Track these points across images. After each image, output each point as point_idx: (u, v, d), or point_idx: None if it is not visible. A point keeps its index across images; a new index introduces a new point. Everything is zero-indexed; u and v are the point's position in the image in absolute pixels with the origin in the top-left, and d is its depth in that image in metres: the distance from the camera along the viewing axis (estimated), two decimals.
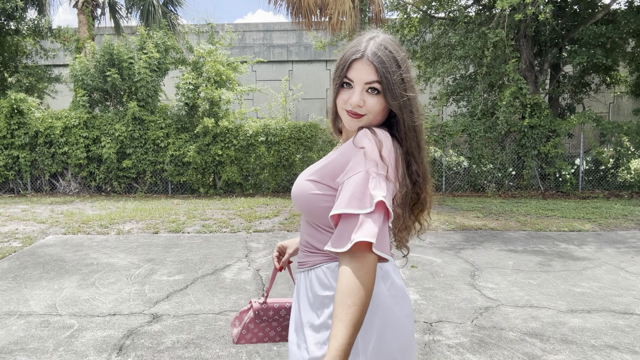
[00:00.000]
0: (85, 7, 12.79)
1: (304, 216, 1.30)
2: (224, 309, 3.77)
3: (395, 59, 1.19)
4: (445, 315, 3.61)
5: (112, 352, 3.04)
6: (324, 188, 1.20)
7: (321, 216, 1.22)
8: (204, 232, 6.72)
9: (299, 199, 1.25)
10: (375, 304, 1.17)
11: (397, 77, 1.18)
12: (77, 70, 10.59)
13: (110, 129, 10.62)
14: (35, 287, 4.33)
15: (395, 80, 1.18)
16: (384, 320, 1.18)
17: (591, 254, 5.42)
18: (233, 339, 1.64)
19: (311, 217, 1.25)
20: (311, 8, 11.18)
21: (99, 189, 11.17)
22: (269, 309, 1.61)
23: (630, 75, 13.05)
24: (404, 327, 1.22)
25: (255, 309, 1.60)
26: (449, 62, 10.90)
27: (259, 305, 1.60)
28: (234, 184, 11.05)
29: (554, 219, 7.49)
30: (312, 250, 1.28)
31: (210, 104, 10.62)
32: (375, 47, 1.19)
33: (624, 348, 3.05)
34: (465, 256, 5.33)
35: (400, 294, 1.24)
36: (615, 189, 10.94)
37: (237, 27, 17.75)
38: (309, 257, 1.30)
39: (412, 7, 12.14)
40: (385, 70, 1.17)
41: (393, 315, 1.20)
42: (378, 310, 1.18)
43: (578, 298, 3.97)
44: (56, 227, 7.04)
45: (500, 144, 10.88)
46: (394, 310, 1.20)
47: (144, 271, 4.82)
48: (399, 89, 1.18)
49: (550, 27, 10.89)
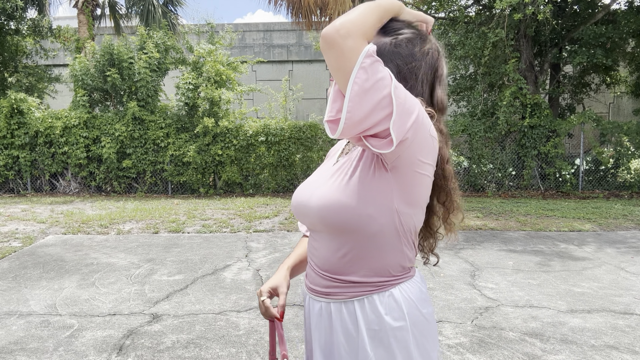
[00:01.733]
0: (85, 7, 12.80)
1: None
2: (224, 309, 3.77)
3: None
4: (445, 315, 3.61)
5: (112, 352, 3.04)
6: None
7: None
8: (204, 232, 6.72)
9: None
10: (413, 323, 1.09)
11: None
12: (77, 70, 10.59)
13: (110, 129, 10.62)
14: (35, 287, 4.33)
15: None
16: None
17: (591, 254, 5.42)
18: None
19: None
20: (311, 8, 11.17)
21: (99, 188, 11.17)
22: None
23: (630, 75, 13.04)
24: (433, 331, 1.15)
25: None
26: (449, 62, 10.91)
27: None
28: (234, 184, 11.04)
29: (554, 219, 7.49)
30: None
31: (210, 104, 10.62)
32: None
33: (624, 348, 3.05)
34: (465, 256, 5.33)
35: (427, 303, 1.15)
36: (615, 189, 10.94)
37: (237, 27, 17.75)
38: (343, 287, 1.12)
39: (412, 7, 12.14)
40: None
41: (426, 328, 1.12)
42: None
43: (578, 298, 3.97)
44: (56, 227, 7.04)
45: (500, 144, 10.88)
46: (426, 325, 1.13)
47: (144, 271, 4.82)
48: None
49: (550, 27, 10.88)
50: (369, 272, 1.09)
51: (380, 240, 1.06)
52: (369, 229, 1.05)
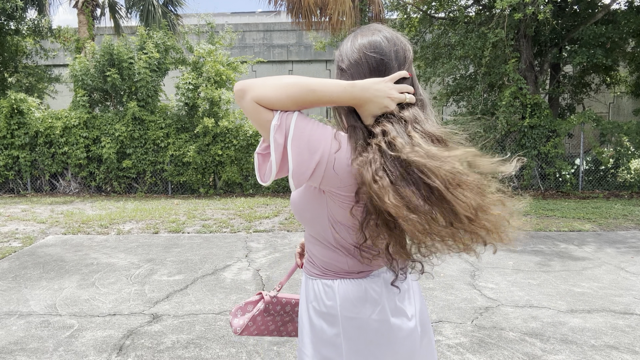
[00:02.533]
0: (85, 7, 12.80)
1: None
2: (224, 309, 3.77)
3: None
4: (445, 315, 3.61)
5: (112, 352, 3.04)
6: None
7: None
8: (204, 232, 6.72)
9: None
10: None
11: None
12: (77, 70, 10.59)
13: (110, 129, 10.62)
14: (35, 287, 4.33)
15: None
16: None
17: (591, 254, 5.42)
18: (235, 330, 1.59)
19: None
20: (311, 8, 11.17)
21: (99, 189, 11.17)
22: (277, 303, 1.60)
23: (630, 75, 13.04)
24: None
25: (266, 302, 1.58)
26: (449, 62, 10.90)
27: (269, 298, 1.58)
28: (234, 184, 11.04)
29: (554, 219, 7.49)
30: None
31: (210, 104, 10.62)
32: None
33: (624, 348, 3.05)
34: (465, 256, 5.32)
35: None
36: (615, 189, 10.94)
37: (237, 27, 17.75)
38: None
39: (412, 7, 12.14)
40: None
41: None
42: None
43: (578, 298, 3.97)
44: (56, 227, 7.04)
45: (500, 144, 10.88)
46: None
47: (144, 271, 4.82)
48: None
49: (550, 27, 10.88)
50: (319, 262, 1.29)
51: (322, 240, 1.25)
52: (314, 229, 1.25)
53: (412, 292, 1.36)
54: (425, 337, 1.33)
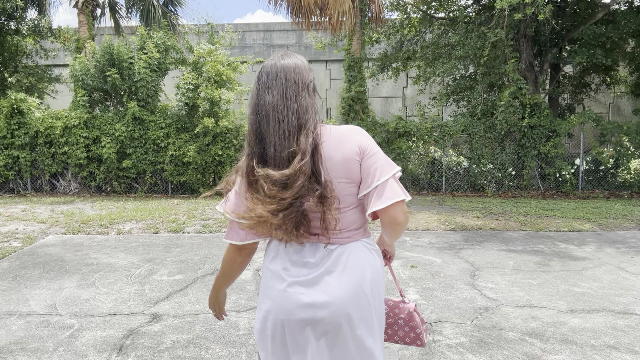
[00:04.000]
0: (85, 7, 12.78)
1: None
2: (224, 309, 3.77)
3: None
4: (445, 315, 3.61)
5: (112, 352, 3.04)
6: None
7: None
8: (204, 232, 6.72)
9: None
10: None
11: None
12: (77, 70, 10.59)
13: (110, 129, 10.62)
14: (35, 287, 4.33)
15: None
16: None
17: (591, 254, 5.42)
18: (423, 342, 1.80)
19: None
20: (311, 8, 11.17)
21: (99, 189, 11.17)
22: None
23: (630, 75, 13.05)
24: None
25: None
26: (449, 62, 10.91)
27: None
28: None
29: (554, 219, 7.49)
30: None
31: (210, 104, 10.62)
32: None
33: (624, 348, 3.05)
34: (465, 256, 5.33)
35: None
36: (615, 189, 10.94)
37: (237, 27, 17.76)
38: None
39: (412, 7, 12.15)
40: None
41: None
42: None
43: (578, 298, 3.97)
44: (56, 227, 7.04)
45: (500, 144, 10.88)
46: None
47: (144, 271, 4.82)
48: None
49: (550, 27, 10.88)
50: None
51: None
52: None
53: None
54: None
